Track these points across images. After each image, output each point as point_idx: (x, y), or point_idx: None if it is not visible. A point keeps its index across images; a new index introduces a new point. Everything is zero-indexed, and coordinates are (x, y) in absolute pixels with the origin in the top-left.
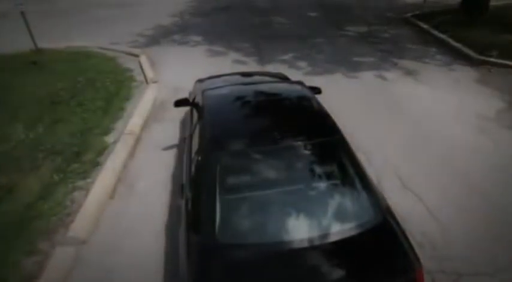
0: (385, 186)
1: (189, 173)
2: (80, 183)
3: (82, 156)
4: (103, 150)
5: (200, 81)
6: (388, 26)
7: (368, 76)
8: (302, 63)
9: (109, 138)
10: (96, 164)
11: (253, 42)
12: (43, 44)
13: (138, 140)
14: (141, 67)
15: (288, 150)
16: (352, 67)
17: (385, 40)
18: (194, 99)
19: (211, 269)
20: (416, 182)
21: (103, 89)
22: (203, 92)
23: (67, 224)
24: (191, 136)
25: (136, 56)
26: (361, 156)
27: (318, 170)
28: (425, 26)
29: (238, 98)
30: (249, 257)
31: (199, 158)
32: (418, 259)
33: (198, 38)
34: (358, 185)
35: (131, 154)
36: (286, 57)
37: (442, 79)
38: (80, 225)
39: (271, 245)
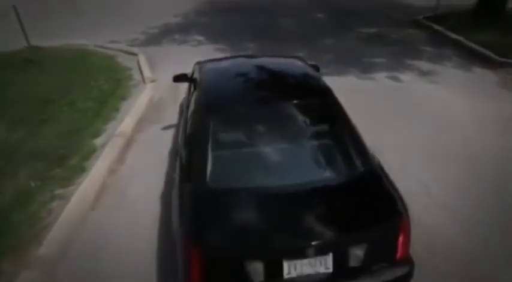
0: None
1: (184, 134)
2: (60, 191)
3: (67, 160)
4: (90, 153)
5: (199, 63)
6: (399, 27)
7: (382, 77)
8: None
9: (98, 141)
10: (81, 170)
11: (260, 43)
12: (41, 43)
13: (130, 143)
14: (139, 66)
15: (278, 110)
16: (364, 68)
17: (397, 41)
18: (192, 74)
19: (203, 212)
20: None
21: (98, 88)
22: (200, 65)
23: (40, 240)
24: (188, 105)
25: (135, 54)
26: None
27: (308, 125)
28: (439, 28)
29: (234, 68)
30: (237, 200)
31: (194, 118)
32: (405, 209)
33: (201, 37)
34: (348, 139)
35: (121, 158)
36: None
37: (461, 81)
38: (52, 242)
39: (258, 189)
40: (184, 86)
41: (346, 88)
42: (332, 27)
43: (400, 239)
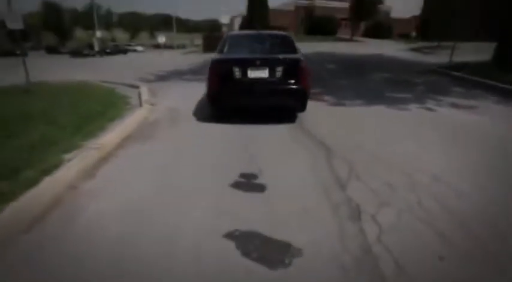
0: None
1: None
2: None
3: (19, 173)
4: (52, 167)
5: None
6: (418, 74)
7: (414, 108)
8: (328, 97)
9: (69, 155)
10: (31, 184)
11: None
12: (45, 79)
13: (107, 158)
14: (139, 94)
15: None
16: (392, 102)
17: (419, 84)
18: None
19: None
20: None
21: (87, 108)
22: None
23: None
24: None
25: (137, 87)
26: None
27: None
28: (459, 74)
29: (246, 37)
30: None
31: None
32: (304, 61)
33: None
34: (291, 48)
35: (90, 173)
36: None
37: (497, 111)
38: None
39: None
40: (182, 108)
41: (380, 114)
42: (354, 73)
43: (299, 72)
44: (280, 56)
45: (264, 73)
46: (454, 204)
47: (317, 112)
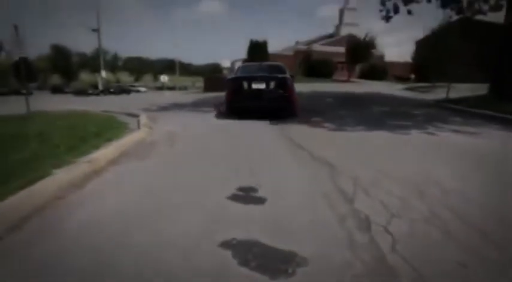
0: None
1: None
2: None
3: (2, 184)
4: (39, 178)
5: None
6: (415, 108)
7: (416, 133)
8: (328, 124)
9: (59, 169)
10: (11, 193)
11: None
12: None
13: (99, 172)
14: (138, 121)
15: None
16: (392, 128)
17: (419, 115)
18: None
19: (234, 76)
20: None
21: (83, 130)
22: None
23: None
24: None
25: (137, 116)
26: None
27: (272, 73)
28: (457, 107)
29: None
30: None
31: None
32: (291, 78)
33: (208, 108)
34: (283, 72)
35: (79, 184)
36: (311, 118)
37: (498, 136)
38: None
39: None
40: (181, 132)
41: (381, 137)
42: (355, 106)
43: (286, 85)
44: (273, 75)
45: (262, 85)
46: (468, 212)
47: (316, 136)
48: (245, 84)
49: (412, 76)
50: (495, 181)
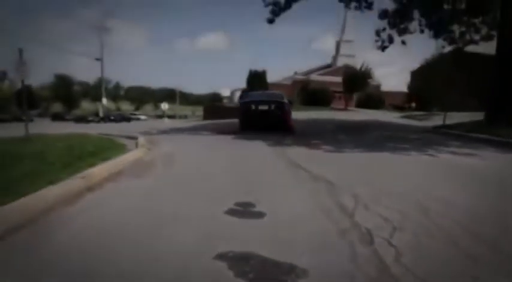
0: None
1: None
2: None
3: None
4: (29, 193)
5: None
6: (413, 133)
7: (416, 154)
8: (327, 146)
9: (52, 185)
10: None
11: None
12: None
13: (92, 188)
14: (136, 142)
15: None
16: (391, 150)
17: (417, 139)
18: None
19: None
20: None
21: (80, 149)
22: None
23: None
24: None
25: (136, 138)
26: None
27: (273, 100)
28: (454, 131)
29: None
30: (257, 108)
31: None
32: (289, 103)
33: (207, 132)
34: (281, 99)
35: (70, 200)
36: (310, 141)
37: (495, 157)
38: None
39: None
40: (179, 152)
41: (380, 158)
42: (353, 131)
43: (283, 107)
44: (274, 100)
45: (266, 107)
46: (472, 224)
47: (315, 157)
48: (253, 106)
49: (413, 105)
50: (496, 195)
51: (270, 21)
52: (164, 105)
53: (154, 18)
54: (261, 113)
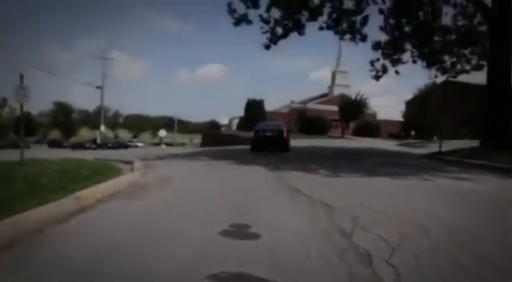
0: None
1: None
2: None
3: None
4: (20, 212)
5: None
6: (410, 159)
7: (413, 179)
8: (324, 171)
9: (42, 206)
10: None
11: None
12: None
13: (84, 210)
14: (132, 167)
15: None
16: (388, 175)
17: (413, 165)
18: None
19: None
20: None
21: (75, 173)
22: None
23: None
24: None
25: (132, 163)
26: None
27: (276, 130)
28: (451, 158)
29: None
30: (264, 134)
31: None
32: (287, 132)
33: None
34: (283, 130)
35: (61, 220)
36: (308, 166)
37: (492, 182)
38: None
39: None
40: (175, 175)
41: (377, 182)
42: (350, 157)
43: (283, 133)
44: (276, 128)
45: (270, 133)
46: (474, 246)
47: (313, 181)
48: (261, 133)
49: (412, 133)
50: (493, 216)
51: (267, 47)
52: (162, 132)
53: (155, 49)
54: (267, 138)
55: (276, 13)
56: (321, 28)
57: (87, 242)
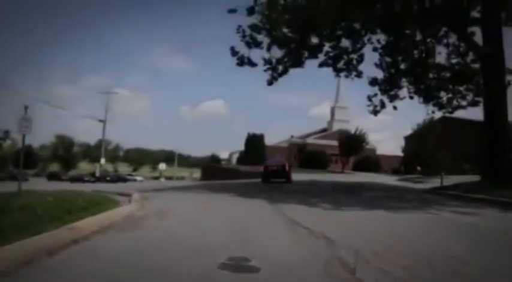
0: None
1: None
2: None
3: None
4: (13, 243)
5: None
6: (411, 194)
7: (416, 213)
8: (325, 204)
9: (35, 237)
10: None
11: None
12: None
13: (78, 241)
14: (129, 199)
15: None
16: (390, 208)
17: (414, 200)
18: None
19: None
20: None
21: (71, 205)
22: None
23: None
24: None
25: (130, 195)
26: None
27: (279, 166)
28: (453, 192)
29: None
30: (271, 168)
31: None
32: (289, 166)
33: (203, 190)
34: (285, 166)
35: (52, 251)
36: (309, 200)
37: (495, 216)
38: None
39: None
40: (173, 208)
41: (379, 215)
42: (351, 191)
43: (285, 167)
44: (280, 164)
45: (276, 168)
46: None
47: (314, 214)
48: (269, 168)
49: (419, 168)
50: (496, 247)
51: (270, 83)
52: (162, 166)
53: (157, 87)
54: (273, 171)
55: (276, 52)
56: (320, 65)
57: (77, 275)
